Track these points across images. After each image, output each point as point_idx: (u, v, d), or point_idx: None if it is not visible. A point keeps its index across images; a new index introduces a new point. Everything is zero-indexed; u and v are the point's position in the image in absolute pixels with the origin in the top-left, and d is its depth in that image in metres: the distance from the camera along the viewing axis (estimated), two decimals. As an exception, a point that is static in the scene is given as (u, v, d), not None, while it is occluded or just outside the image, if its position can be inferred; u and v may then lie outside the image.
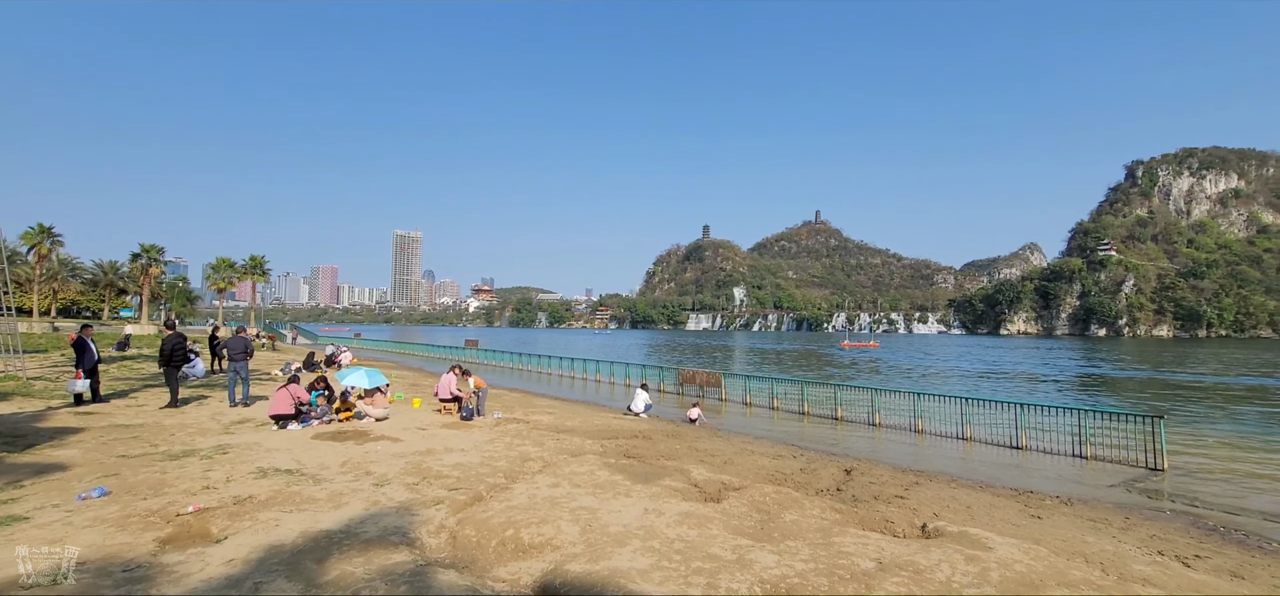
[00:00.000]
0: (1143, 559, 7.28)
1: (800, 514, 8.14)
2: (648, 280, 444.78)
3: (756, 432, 18.29)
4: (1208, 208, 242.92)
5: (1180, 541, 8.52)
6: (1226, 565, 7.49)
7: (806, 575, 5.87)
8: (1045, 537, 7.91)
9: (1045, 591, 5.71)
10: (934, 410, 19.01)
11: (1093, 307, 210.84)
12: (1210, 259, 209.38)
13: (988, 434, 17.00)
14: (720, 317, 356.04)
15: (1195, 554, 7.82)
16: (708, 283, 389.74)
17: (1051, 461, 14.68)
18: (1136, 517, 9.94)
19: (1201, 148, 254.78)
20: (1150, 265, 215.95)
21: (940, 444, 16.89)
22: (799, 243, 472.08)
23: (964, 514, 9.04)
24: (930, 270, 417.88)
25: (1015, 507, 9.94)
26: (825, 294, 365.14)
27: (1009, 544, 7.04)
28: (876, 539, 7.14)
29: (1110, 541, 8.06)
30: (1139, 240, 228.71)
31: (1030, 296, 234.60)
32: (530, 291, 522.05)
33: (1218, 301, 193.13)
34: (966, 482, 12.06)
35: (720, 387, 26.34)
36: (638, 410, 19.79)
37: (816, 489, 10.35)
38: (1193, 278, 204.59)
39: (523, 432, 14.14)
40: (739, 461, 12.26)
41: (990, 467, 14.09)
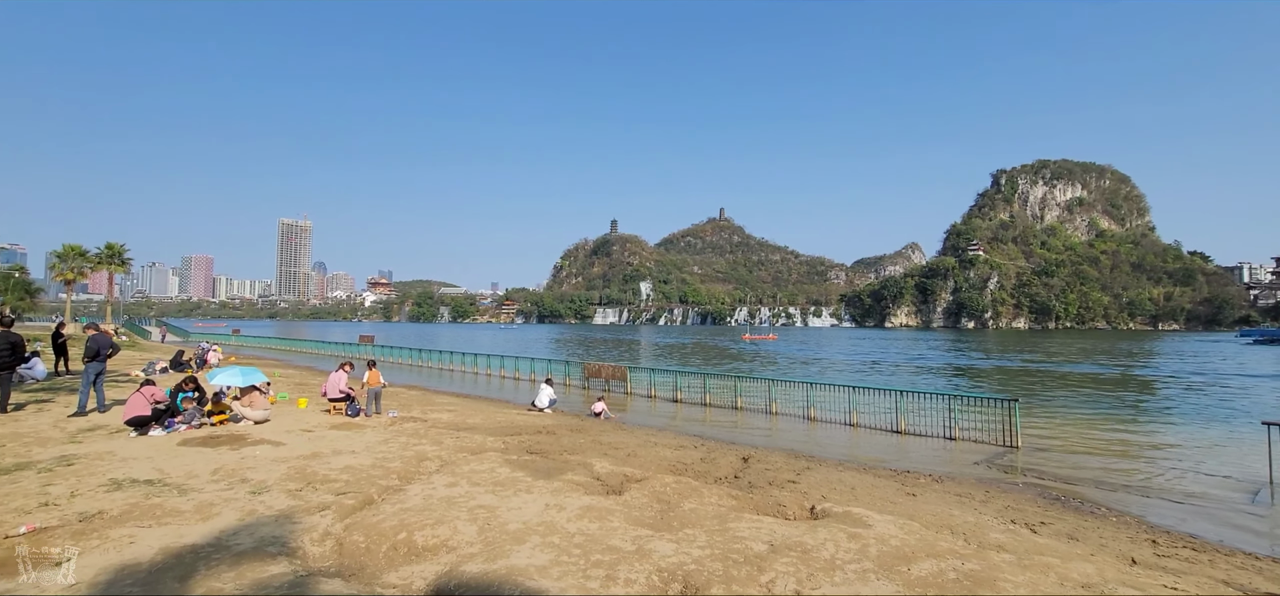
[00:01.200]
0: (998, 528, 8.09)
1: (699, 502, 8.37)
2: (555, 274, 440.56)
3: (660, 424, 18.62)
4: (1057, 213, 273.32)
5: (1029, 510, 9.55)
6: (1065, 529, 8.48)
7: (702, 561, 6.05)
8: (919, 513, 8.60)
9: (916, 562, 6.21)
10: (825, 399, 20.18)
11: (964, 302, 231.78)
12: (1059, 259, 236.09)
13: (872, 419, 18.27)
14: (627, 312, 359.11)
15: (1041, 521, 8.80)
16: (615, 277, 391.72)
17: (926, 443, 15.98)
18: (995, 491, 11.04)
19: (1053, 160, 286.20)
20: (1011, 264, 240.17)
21: (830, 430, 17.95)
22: (704, 239, 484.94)
23: (849, 494, 9.65)
24: (825, 267, 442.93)
25: (894, 486, 10.74)
26: (729, 289, 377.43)
27: (887, 520, 7.60)
28: (769, 522, 7.48)
29: (973, 513, 8.90)
30: (1002, 241, 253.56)
31: (911, 292, 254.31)
32: (432, 285, 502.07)
33: (1064, 297, 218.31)
34: (852, 465, 12.89)
35: (626, 381, 26.57)
36: (542, 405, 19.58)
37: (716, 477, 10.68)
38: (1045, 276, 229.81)
39: (420, 431, 13.59)
40: (642, 453, 12.42)
41: (874, 450, 15.14)
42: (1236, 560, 7.66)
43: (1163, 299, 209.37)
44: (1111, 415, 22.32)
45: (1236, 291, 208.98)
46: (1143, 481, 12.61)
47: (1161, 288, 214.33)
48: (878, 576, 5.84)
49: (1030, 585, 5.72)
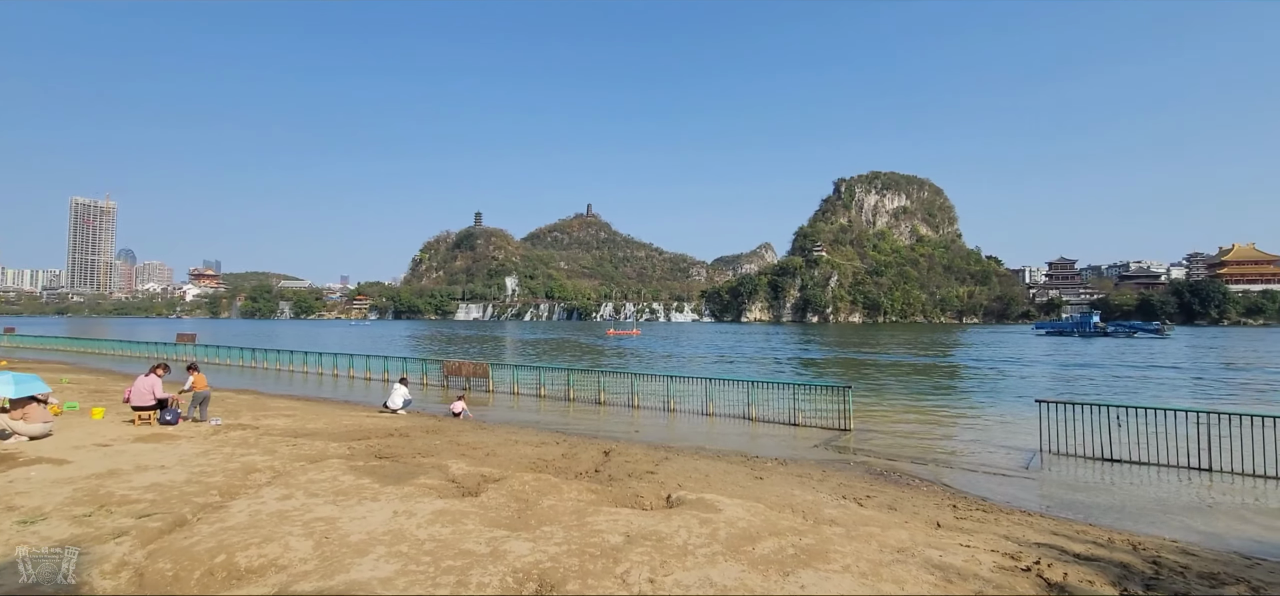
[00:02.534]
0: (832, 504, 8.89)
1: (558, 498, 8.32)
2: (414, 268, 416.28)
3: (523, 422, 18.30)
4: (887, 220, 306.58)
5: (858, 486, 10.60)
6: (886, 500, 9.52)
7: (559, 557, 6.01)
8: (765, 495, 9.21)
9: (760, 541, 6.63)
10: (684, 391, 20.99)
11: (809, 298, 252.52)
12: (887, 261, 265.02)
13: (726, 409, 19.29)
14: (492, 308, 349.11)
15: (867, 494, 9.80)
16: (479, 272, 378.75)
17: (773, 429, 17.18)
18: (831, 470, 12.13)
19: (884, 172, 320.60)
20: (848, 265, 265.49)
21: (689, 420, 18.69)
22: (571, 234, 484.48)
23: (703, 482, 10.10)
24: (687, 264, 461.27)
25: (744, 471, 11.42)
26: (595, 284, 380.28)
27: (736, 504, 8.05)
28: (627, 514, 7.61)
29: (811, 492, 9.70)
30: (841, 244, 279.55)
31: (764, 289, 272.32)
32: (270, 277, 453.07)
33: (891, 294, 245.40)
34: (708, 454, 13.52)
35: (488, 378, 25.80)
36: (396, 406, 18.44)
37: (576, 472, 10.69)
38: (876, 275, 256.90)
39: (249, 440, 12.21)
40: (502, 452, 12.12)
41: (728, 438, 15.99)
42: (1015, 517, 9.05)
43: (966, 296, 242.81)
44: (925, 397, 25.46)
45: (1021, 290, 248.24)
46: (948, 454, 14.50)
47: (965, 287, 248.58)
48: (726, 558, 6.16)
49: (856, 554, 6.34)
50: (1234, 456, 12.35)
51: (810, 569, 5.89)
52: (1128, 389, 31.04)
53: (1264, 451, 12.05)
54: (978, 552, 6.57)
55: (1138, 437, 13.40)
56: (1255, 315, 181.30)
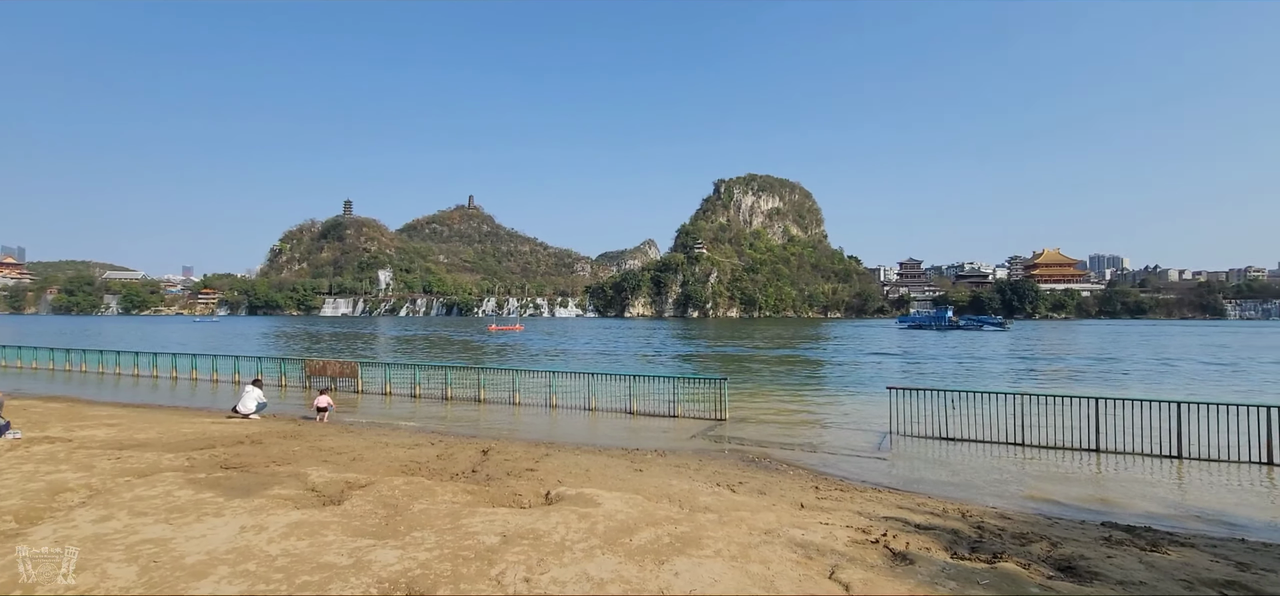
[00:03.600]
0: (707, 491, 9.24)
1: (431, 501, 7.95)
2: (273, 259, 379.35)
3: (395, 423, 17.33)
4: (762, 220, 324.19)
5: (731, 473, 11.10)
6: (757, 486, 10.05)
7: (430, 563, 5.74)
8: (644, 487, 9.38)
9: (638, 532, 6.74)
10: (566, 386, 20.89)
11: (690, 294, 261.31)
12: (762, 259, 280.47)
13: (609, 403, 19.45)
14: (363, 303, 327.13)
15: (739, 481, 10.28)
16: (349, 264, 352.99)
17: (654, 421, 17.56)
18: (707, 459, 12.61)
19: (759, 174, 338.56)
20: (727, 262, 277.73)
21: (572, 416, 18.63)
22: (451, 226, 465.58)
23: (583, 476, 10.10)
24: (571, 259, 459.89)
25: (625, 464, 11.56)
26: (476, 279, 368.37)
27: (615, 497, 8.13)
28: (504, 514, 7.43)
29: (687, 481, 10.02)
30: (721, 242, 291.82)
31: (647, 284, 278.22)
32: (91, 267, 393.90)
33: (766, 291, 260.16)
34: (590, 448, 13.55)
35: (357, 378, 24.15)
36: (248, 411, 16.75)
37: (452, 473, 10.28)
38: (752, 273, 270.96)
39: (59, 455, 10.55)
40: (370, 456, 11.39)
41: (611, 432, 16.14)
42: (868, 494, 9.90)
43: (831, 293, 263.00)
44: (795, 387, 27.20)
45: (877, 287, 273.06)
46: (814, 439, 15.58)
47: (830, 284, 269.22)
48: (603, 551, 6.19)
49: (727, 538, 6.63)
50: (1043, 432, 14.34)
51: (684, 556, 6.08)
52: (969, 376, 35.08)
53: (1066, 428, 14.12)
54: (835, 529, 7.11)
55: (969, 418, 15.17)
56: (1059, 310, 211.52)
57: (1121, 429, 13.74)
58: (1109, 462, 12.97)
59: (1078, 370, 39.07)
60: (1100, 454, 13.41)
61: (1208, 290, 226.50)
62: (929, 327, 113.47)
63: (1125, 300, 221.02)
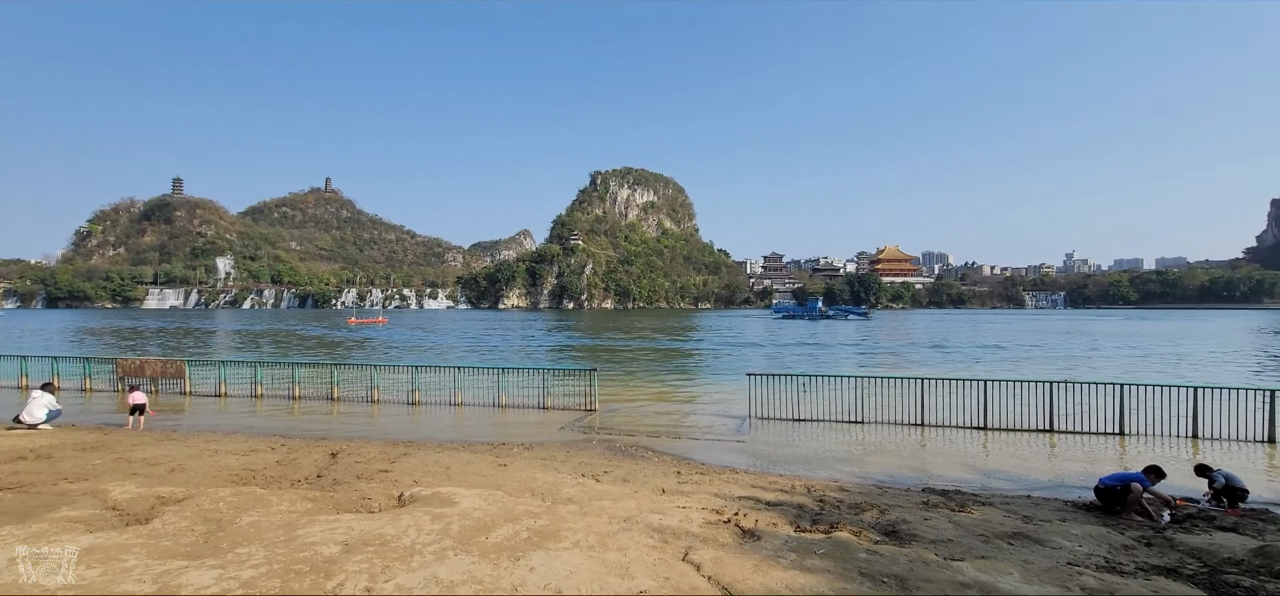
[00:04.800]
0: (571, 483, 9.20)
1: (263, 513, 7.19)
2: (80, 242, 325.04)
3: (230, 427, 15.57)
4: (637, 213, 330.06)
5: (597, 463, 11.16)
6: (621, 474, 10.18)
7: (254, 582, 5.18)
8: (506, 481, 9.15)
9: (495, 529, 6.54)
10: (430, 381, 19.94)
11: (566, 285, 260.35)
12: (637, 251, 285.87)
13: (476, 397, 18.83)
14: (197, 294, 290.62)
15: (604, 470, 10.36)
16: (179, 250, 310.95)
17: (523, 414, 17.25)
18: (574, 450, 12.58)
19: (635, 167, 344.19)
20: (603, 254, 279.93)
21: (436, 412, 17.81)
22: (305, 210, 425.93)
23: (443, 475, 9.66)
24: (442, 249, 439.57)
25: (489, 460, 11.22)
26: (335, 268, 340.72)
27: (473, 495, 7.84)
28: (349, 520, 6.90)
29: (552, 473, 9.92)
30: (597, 234, 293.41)
31: (522, 276, 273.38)
32: None
33: (640, 282, 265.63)
34: (452, 445, 13.01)
35: (184, 378, 21.38)
36: (35, 420, 14.23)
37: (293, 480, 9.40)
38: (627, 264, 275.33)
39: None
40: (194, 466, 10.12)
41: (477, 427, 15.61)
42: (725, 476, 10.39)
43: (702, 285, 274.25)
44: (666, 376, 27.99)
45: (743, 280, 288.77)
46: (679, 426, 16.09)
47: (701, 276, 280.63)
48: (457, 551, 5.94)
49: (587, 528, 6.62)
50: (880, 411, 15.87)
51: (542, 550, 5.98)
52: (831, 361, 38.02)
53: (898, 406, 15.74)
54: (691, 512, 7.36)
55: (820, 401, 16.43)
56: (897, 301, 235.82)
57: (942, 405, 15.56)
58: (932, 435, 14.63)
59: (909, 354, 43.85)
60: (924, 428, 15.10)
61: (1011, 284, 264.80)
62: (801, 317, 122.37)
63: (949, 292, 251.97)
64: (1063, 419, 14.73)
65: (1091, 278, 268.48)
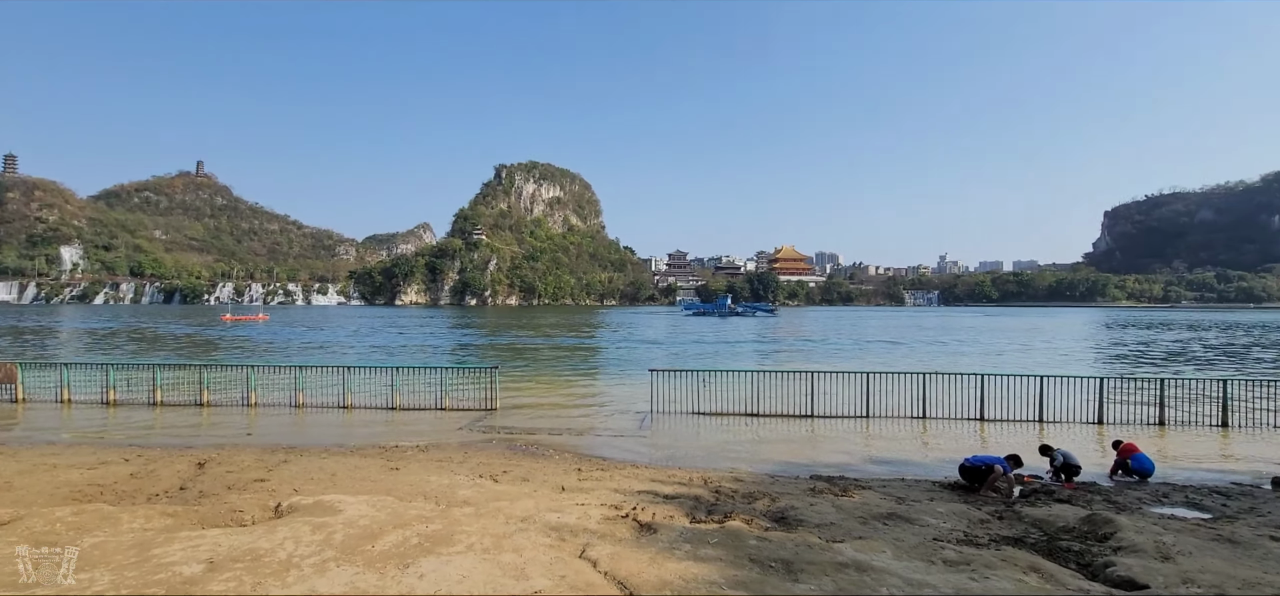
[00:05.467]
0: (468, 484, 8.94)
1: (112, 532, 6.44)
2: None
3: (75, 438, 13.83)
4: (543, 208, 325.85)
5: (496, 463, 10.91)
6: (521, 473, 10.02)
7: (97, 610, 4.63)
8: (397, 486, 8.75)
9: (382, 537, 6.22)
10: (317, 382, 18.70)
11: (468, 281, 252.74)
12: (543, 247, 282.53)
13: (368, 399, 17.84)
14: (37, 287, 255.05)
15: (503, 470, 10.16)
16: (13, 238, 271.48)
17: (420, 415, 16.55)
18: (472, 451, 12.23)
19: (541, 162, 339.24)
20: (507, 249, 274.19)
21: (322, 415, 16.72)
22: (172, 196, 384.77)
23: (327, 482, 9.09)
24: (333, 241, 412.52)
25: (380, 464, 10.67)
26: (208, 260, 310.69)
27: (360, 502, 7.42)
28: (216, 535, 6.32)
29: (448, 475, 9.59)
30: (501, 229, 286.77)
31: (422, 270, 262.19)
32: None
33: (545, 279, 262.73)
34: (339, 450, 12.26)
35: (15, 383, 18.73)
36: None
37: (150, 494, 8.50)
38: (532, 260, 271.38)
39: None
40: (25, 483, 8.89)
41: (367, 430, 14.80)
42: (626, 471, 10.49)
43: (607, 281, 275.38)
44: (569, 373, 27.85)
45: (648, 277, 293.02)
46: (583, 423, 16.07)
47: (607, 273, 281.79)
48: (340, 562, 5.60)
49: (482, 530, 6.45)
50: (774, 403, 16.61)
51: (433, 555, 5.77)
52: (730, 356, 39.24)
53: (792, 398, 16.55)
54: (589, 508, 7.37)
55: (719, 394, 16.96)
56: (793, 298, 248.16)
57: (830, 397, 16.53)
58: (821, 425, 15.51)
59: (805, 349, 46.31)
60: (814, 419, 15.98)
61: (893, 283, 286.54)
62: (712, 314, 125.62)
63: (839, 290, 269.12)
64: (933, 407, 16.09)
65: (960, 278, 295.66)
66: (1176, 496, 9.37)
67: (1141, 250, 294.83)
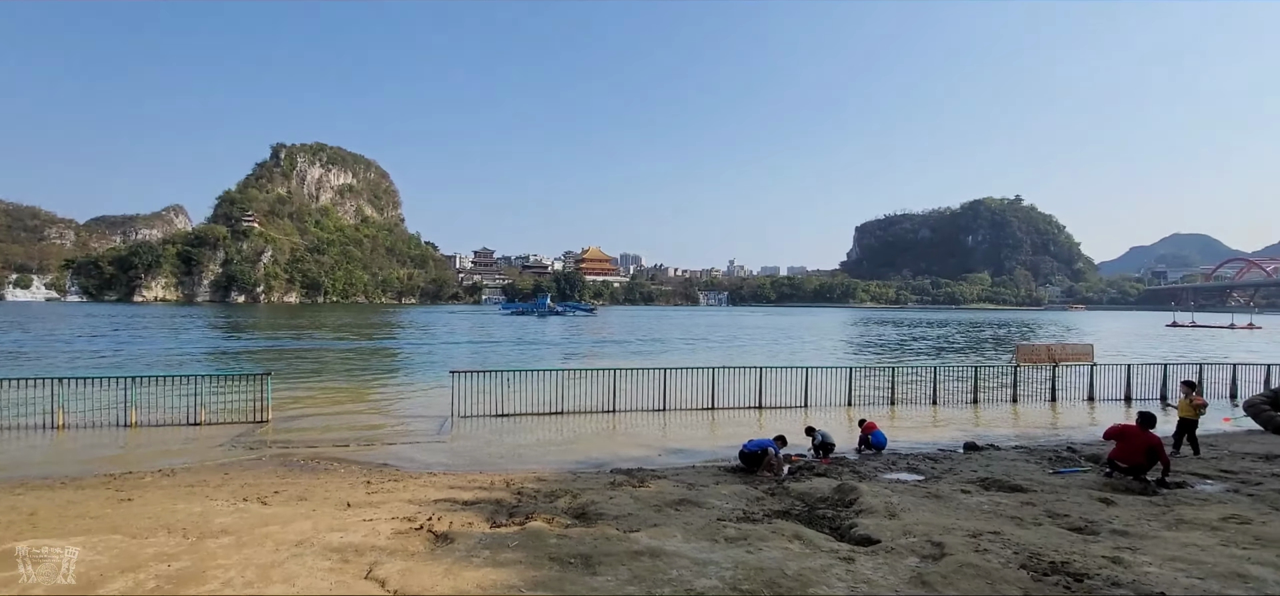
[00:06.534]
0: (227, 510, 7.72)
1: None
2: None
3: None
4: (331, 196, 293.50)
5: (266, 483, 9.59)
6: (297, 492, 8.92)
7: None
8: (129, 521, 7.25)
9: (107, 584, 5.11)
10: (14, 398, 14.79)
11: (235, 275, 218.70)
12: (331, 239, 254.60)
13: (91, 417, 14.56)
14: None
15: (274, 491, 8.95)
16: None
17: (166, 434, 13.93)
18: (236, 471, 10.62)
19: (330, 145, 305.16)
20: (286, 240, 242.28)
21: (20, 440, 13.26)
22: None
23: (25, 524, 7.22)
24: (40, 221, 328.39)
25: (105, 496, 8.76)
26: None
27: (72, 546, 6.01)
28: None
29: (201, 502, 8.19)
30: (278, 216, 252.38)
31: (172, 261, 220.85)
32: None
33: (333, 274, 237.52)
34: (45, 482, 9.83)
35: None
36: None
37: None
38: (317, 253, 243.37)
39: None
40: None
41: (90, 455, 12.06)
42: (422, 480, 9.90)
43: (406, 278, 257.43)
44: (359, 378, 25.52)
45: (452, 274, 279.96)
46: (374, 432, 14.83)
47: (406, 269, 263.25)
48: (38, 624, 4.48)
49: (244, 562, 5.62)
50: (577, 400, 16.90)
51: (177, 599, 4.88)
52: (535, 356, 38.85)
53: (596, 394, 16.97)
54: (378, 524, 6.82)
55: (524, 394, 16.79)
56: (599, 298, 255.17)
57: (630, 392, 17.27)
58: (622, 419, 16.15)
59: (608, 347, 47.89)
60: (616, 414, 16.59)
61: (689, 284, 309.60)
62: (531, 313, 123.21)
63: (642, 290, 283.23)
64: (721, 398, 17.65)
65: (746, 280, 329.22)
66: (901, 463, 11.41)
67: (881, 260, 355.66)
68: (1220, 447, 12.69)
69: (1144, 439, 9.37)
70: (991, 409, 18.95)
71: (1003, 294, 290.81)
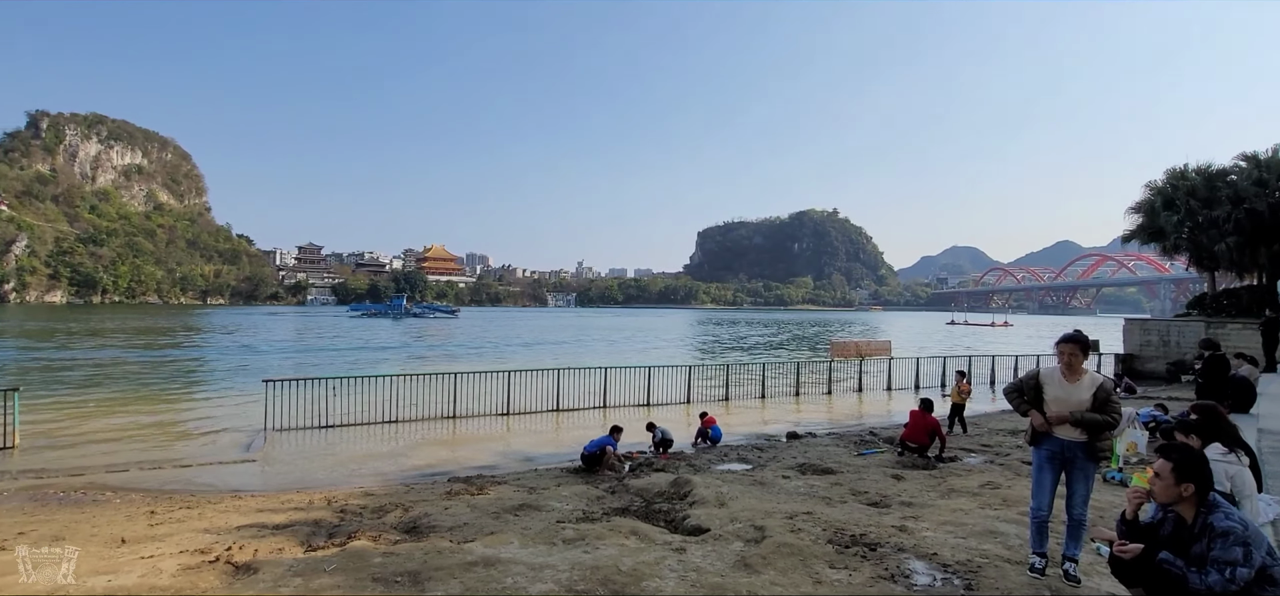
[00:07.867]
0: (-55, 562, 6.19)
1: None
2: None
3: None
4: (113, 178, 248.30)
5: (8, 524, 7.83)
6: (51, 532, 7.37)
7: None
8: None
9: None
10: None
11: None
12: (112, 228, 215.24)
13: None
14: None
15: (18, 533, 7.34)
16: None
17: None
18: (-38, 512, 8.55)
19: (112, 118, 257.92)
20: (49, 227, 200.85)
21: None
22: None
23: None
24: None
25: None
26: None
27: None
28: None
29: (-95, 555, 6.48)
30: (38, 199, 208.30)
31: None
32: None
33: (115, 269, 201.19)
34: None
35: None
36: None
37: None
38: (93, 244, 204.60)
39: None
40: None
41: None
42: (223, 504, 8.70)
43: (213, 275, 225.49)
44: (147, 392, 21.92)
45: (271, 271, 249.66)
46: (161, 453, 12.77)
47: (213, 265, 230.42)
48: None
49: (-36, 625, 4.54)
50: (414, 407, 15.92)
51: None
52: (370, 360, 35.86)
53: (435, 400, 16.09)
54: (162, 560, 5.87)
55: (351, 403, 15.47)
56: (442, 298, 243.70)
57: (472, 397, 16.64)
58: (463, 425, 15.51)
59: (451, 350, 45.84)
60: (457, 419, 15.90)
61: (538, 285, 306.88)
62: (386, 316, 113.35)
63: (490, 291, 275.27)
64: (566, 399, 17.64)
65: (594, 282, 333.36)
66: (732, 455, 12.19)
67: (720, 264, 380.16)
68: (982, 426, 15.20)
69: (925, 422, 10.97)
70: (811, 401, 20.98)
71: (822, 296, 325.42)
